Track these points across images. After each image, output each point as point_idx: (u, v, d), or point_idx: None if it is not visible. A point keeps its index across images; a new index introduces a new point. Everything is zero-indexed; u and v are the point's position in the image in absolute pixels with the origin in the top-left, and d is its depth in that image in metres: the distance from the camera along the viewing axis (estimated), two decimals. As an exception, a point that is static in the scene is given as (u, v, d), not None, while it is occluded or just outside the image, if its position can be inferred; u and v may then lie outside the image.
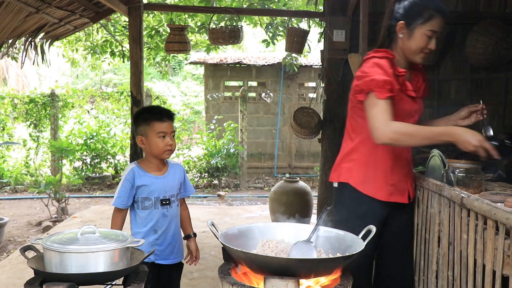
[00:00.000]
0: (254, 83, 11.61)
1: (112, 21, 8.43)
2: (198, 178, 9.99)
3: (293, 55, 8.37)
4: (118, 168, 9.88)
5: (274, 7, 7.30)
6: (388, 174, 2.38)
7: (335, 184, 2.51)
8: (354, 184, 2.40)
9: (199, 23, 8.11)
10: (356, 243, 1.93)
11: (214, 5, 6.95)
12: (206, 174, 9.91)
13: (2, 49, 5.32)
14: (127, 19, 5.55)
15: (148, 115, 2.60)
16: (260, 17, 7.69)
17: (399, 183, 2.41)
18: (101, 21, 7.15)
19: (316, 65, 11.02)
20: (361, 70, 2.31)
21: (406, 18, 2.28)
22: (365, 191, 2.38)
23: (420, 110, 2.46)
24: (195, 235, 2.80)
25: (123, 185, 2.53)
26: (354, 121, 2.45)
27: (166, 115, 2.60)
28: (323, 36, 5.19)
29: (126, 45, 8.58)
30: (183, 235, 2.78)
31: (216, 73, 11.46)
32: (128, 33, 5.60)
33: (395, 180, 2.39)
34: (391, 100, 2.20)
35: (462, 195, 1.94)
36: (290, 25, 6.24)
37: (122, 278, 1.84)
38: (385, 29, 2.39)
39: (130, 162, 5.42)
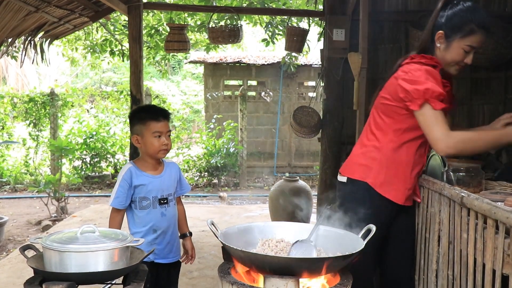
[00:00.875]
0: (254, 82, 11.61)
1: (112, 20, 8.42)
2: (197, 177, 9.99)
3: (293, 54, 8.36)
4: (118, 167, 9.88)
5: (274, 6, 7.30)
6: (408, 179, 2.35)
7: (343, 179, 2.43)
8: (372, 184, 2.33)
9: (198, 22, 8.10)
10: (356, 243, 1.93)
11: (214, 4, 6.94)
12: (206, 173, 9.91)
13: (1, 48, 5.31)
14: (126, 18, 5.54)
15: (144, 115, 2.59)
16: (259, 16, 7.68)
17: (414, 187, 2.40)
18: (100, 20, 7.14)
19: (315, 64, 11.01)
20: (411, 74, 2.21)
21: (446, 29, 2.21)
22: (383, 193, 2.33)
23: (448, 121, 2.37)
24: (190, 234, 2.80)
25: (121, 185, 2.52)
26: (380, 119, 2.36)
27: (161, 114, 2.58)
28: (322, 35, 5.19)
29: (126, 44, 8.57)
30: (179, 234, 2.78)
31: (215, 72, 11.46)
32: (127, 32, 5.60)
33: (412, 184, 2.38)
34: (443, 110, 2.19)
35: (462, 194, 1.94)
36: (289, 24, 6.24)
37: (121, 277, 1.84)
38: (428, 33, 2.30)
39: (130, 161, 5.41)
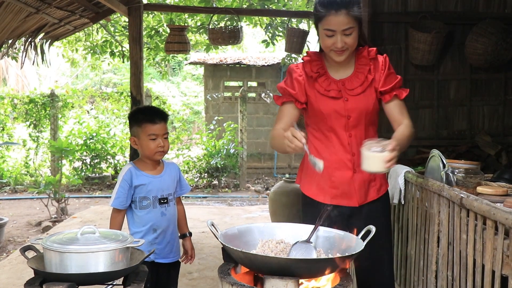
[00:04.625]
0: (254, 83, 11.61)
1: (112, 21, 8.43)
2: (197, 179, 9.99)
3: (293, 55, 8.37)
4: (118, 168, 9.87)
5: (274, 8, 7.31)
6: (327, 176, 2.31)
7: None
8: (301, 186, 2.43)
9: (199, 23, 8.11)
10: (355, 243, 1.93)
11: (214, 5, 6.95)
12: (206, 174, 9.91)
13: (2, 49, 5.32)
14: (127, 19, 5.56)
15: (141, 116, 2.59)
16: (259, 17, 7.69)
17: (343, 186, 2.33)
18: (101, 21, 7.16)
19: (315, 65, 11.00)
20: None
21: (314, 20, 2.28)
22: (307, 193, 2.38)
23: (358, 108, 2.29)
24: (190, 234, 2.80)
25: (121, 185, 2.52)
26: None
27: (158, 116, 2.57)
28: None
29: (126, 45, 8.58)
30: (179, 234, 2.78)
31: (215, 73, 11.46)
32: (128, 33, 5.61)
33: (337, 183, 2.33)
34: (291, 104, 2.29)
35: (461, 195, 1.94)
36: (289, 25, 6.25)
37: (122, 278, 1.85)
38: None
39: (130, 161, 5.42)
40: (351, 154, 2.32)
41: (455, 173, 2.35)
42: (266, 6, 7.14)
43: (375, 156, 1.97)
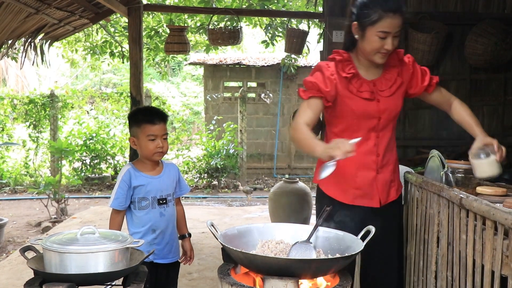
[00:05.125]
0: (254, 84, 11.61)
1: (112, 21, 8.44)
2: (197, 179, 9.99)
3: (293, 55, 8.37)
4: (118, 168, 9.88)
5: (274, 8, 7.31)
6: (353, 177, 2.34)
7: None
8: (321, 185, 2.42)
9: (198, 24, 8.12)
10: (355, 244, 1.93)
11: (214, 6, 6.95)
12: (206, 174, 9.91)
13: (1, 49, 5.32)
14: (126, 20, 5.56)
15: (140, 117, 2.59)
16: (259, 17, 7.70)
17: (365, 187, 2.35)
18: (100, 22, 7.15)
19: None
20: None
21: (358, 19, 2.22)
22: (329, 193, 2.38)
23: (388, 109, 2.32)
24: (189, 235, 2.81)
25: (120, 186, 2.53)
26: (325, 119, 2.47)
27: (157, 117, 2.57)
28: (322, 36, 5.20)
29: (126, 46, 8.59)
30: (178, 235, 2.78)
31: (215, 73, 11.46)
32: (127, 33, 5.61)
33: (359, 183, 2.34)
34: (319, 100, 2.25)
35: (461, 195, 1.94)
36: (289, 26, 6.25)
37: (121, 279, 1.85)
38: (346, 29, 2.34)
39: (129, 162, 5.43)
40: (376, 155, 2.34)
41: (455, 173, 2.35)
42: (266, 7, 7.14)
43: (487, 162, 2.08)
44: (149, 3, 7.85)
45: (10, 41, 5.13)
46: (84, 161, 9.72)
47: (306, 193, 5.93)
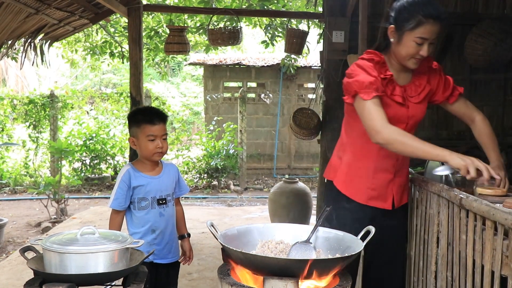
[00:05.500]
0: (254, 84, 11.61)
1: (112, 22, 8.43)
2: (197, 179, 9.99)
3: (293, 56, 8.37)
4: (117, 169, 9.88)
5: (273, 8, 7.31)
6: (369, 178, 2.36)
7: (325, 180, 2.56)
8: (336, 183, 2.43)
9: (198, 24, 8.11)
10: (355, 244, 1.93)
11: (214, 6, 6.95)
12: (206, 175, 9.91)
13: (1, 50, 5.32)
14: (126, 20, 5.55)
15: (140, 117, 2.59)
16: (259, 18, 7.70)
17: (380, 189, 2.38)
18: (100, 22, 7.15)
19: (315, 66, 11.02)
20: (346, 71, 2.30)
21: (396, 23, 2.21)
22: (344, 191, 2.40)
23: (415, 115, 2.36)
24: (189, 235, 2.81)
25: (120, 186, 2.53)
26: (346, 119, 2.45)
27: (157, 117, 2.57)
28: (322, 37, 5.20)
29: (126, 46, 8.58)
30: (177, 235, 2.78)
31: (215, 74, 11.46)
32: (127, 34, 5.61)
33: (376, 184, 2.37)
34: (379, 99, 2.18)
35: (461, 195, 1.94)
36: (289, 26, 6.25)
37: (121, 279, 1.85)
38: (381, 31, 2.33)
39: (129, 162, 5.43)
40: (396, 159, 2.36)
41: (455, 173, 2.35)
42: (265, 7, 7.14)
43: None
44: (149, 3, 7.85)
45: (10, 41, 5.13)
46: (84, 161, 9.72)
47: (306, 193, 5.93)
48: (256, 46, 17.38)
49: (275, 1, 7.27)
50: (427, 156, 2.09)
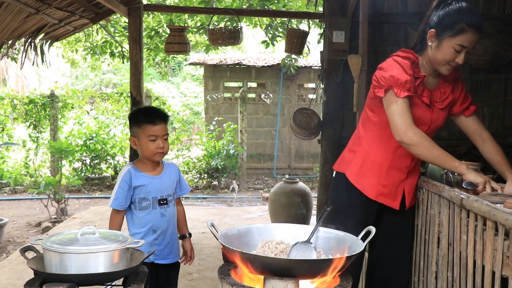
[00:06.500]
0: (254, 84, 11.61)
1: (112, 22, 8.43)
2: (197, 179, 9.99)
3: (293, 56, 8.36)
4: (118, 169, 9.87)
5: (274, 8, 7.31)
6: (382, 175, 2.39)
7: (334, 173, 2.57)
8: (348, 175, 2.45)
9: (198, 24, 8.11)
10: (355, 244, 1.93)
11: (214, 6, 6.95)
12: (206, 175, 9.91)
13: (2, 49, 5.32)
14: (127, 20, 5.55)
15: (141, 117, 2.59)
16: (259, 18, 7.70)
17: (392, 187, 2.40)
18: (101, 22, 7.15)
19: (315, 66, 11.02)
20: (381, 65, 2.31)
21: (438, 27, 2.23)
22: (356, 184, 2.42)
23: (437, 120, 2.40)
24: (190, 235, 2.80)
25: (120, 186, 2.52)
26: (365, 112, 2.47)
27: (158, 117, 2.57)
28: (322, 37, 5.20)
29: (126, 46, 8.58)
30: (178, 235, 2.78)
31: (215, 74, 11.46)
32: (128, 34, 5.61)
33: (388, 182, 2.40)
34: (409, 99, 2.23)
35: (461, 196, 1.94)
36: (289, 26, 6.24)
37: (122, 279, 1.85)
38: (420, 33, 2.35)
39: (129, 162, 5.43)
40: (411, 159, 2.39)
41: (455, 173, 2.35)
42: (266, 7, 7.14)
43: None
44: (149, 3, 7.85)
45: (10, 41, 5.13)
46: (84, 161, 9.72)
47: (306, 193, 5.93)
48: (257, 46, 17.38)
49: (276, 1, 7.26)
50: (446, 165, 2.19)
